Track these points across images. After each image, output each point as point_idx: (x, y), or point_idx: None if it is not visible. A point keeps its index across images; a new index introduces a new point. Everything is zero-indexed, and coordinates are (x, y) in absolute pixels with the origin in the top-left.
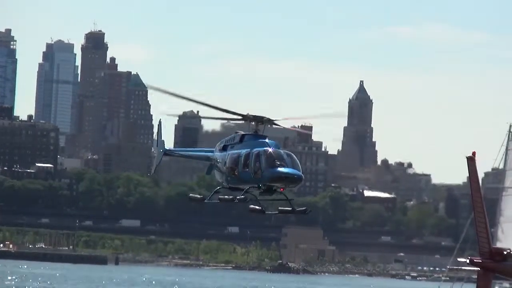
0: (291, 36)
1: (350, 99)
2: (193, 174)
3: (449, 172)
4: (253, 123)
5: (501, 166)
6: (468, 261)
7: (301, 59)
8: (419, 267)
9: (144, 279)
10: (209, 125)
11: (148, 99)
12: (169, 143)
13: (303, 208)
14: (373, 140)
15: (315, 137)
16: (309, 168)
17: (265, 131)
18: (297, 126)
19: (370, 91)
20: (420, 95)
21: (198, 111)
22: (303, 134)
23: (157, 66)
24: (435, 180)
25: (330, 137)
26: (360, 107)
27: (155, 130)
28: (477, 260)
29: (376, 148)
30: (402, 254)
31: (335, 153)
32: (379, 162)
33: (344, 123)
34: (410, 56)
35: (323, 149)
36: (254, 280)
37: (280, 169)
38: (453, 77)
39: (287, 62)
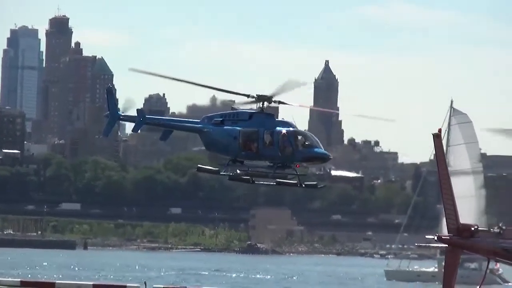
0: (257, 18)
1: (315, 79)
2: (160, 158)
3: (415, 150)
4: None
5: (444, 142)
6: (436, 237)
7: (267, 40)
8: (388, 245)
9: (137, 267)
10: (175, 108)
11: (114, 83)
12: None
13: (314, 182)
14: (339, 119)
15: (281, 117)
16: None
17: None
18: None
19: (335, 71)
20: (386, 74)
21: (164, 94)
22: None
23: (122, 50)
24: (402, 158)
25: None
26: (326, 87)
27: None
28: (445, 236)
29: (342, 127)
30: (370, 233)
31: None
32: (345, 141)
33: (310, 102)
34: (376, 36)
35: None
36: (223, 262)
37: (316, 149)
38: (419, 56)
39: (253, 44)
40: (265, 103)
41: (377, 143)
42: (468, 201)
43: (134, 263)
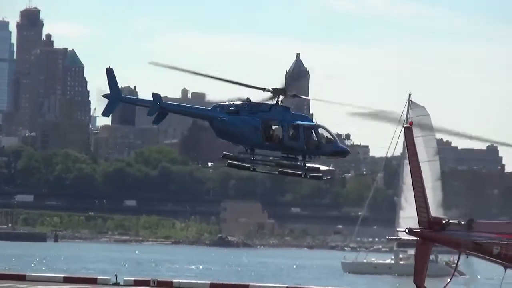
0: (228, 10)
1: (286, 71)
2: (131, 150)
3: (387, 143)
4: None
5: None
6: (407, 230)
7: (238, 32)
8: (358, 239)
9: (108, 259)
10: None
11: (85, 75)
12: (105, 119)
13: (319, 174)
14: (311, 112)
15: None
16: None
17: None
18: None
19: (307, 63)
20: (357, 67)
21: (135, 86)
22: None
23: (94, 42)
24: (373, 151)
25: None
26: (297, 80)
27: (92, 106)
28: (416, 229)
29: (314, 120)
30: (341, 226)
31: None
32: None
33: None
34: (348, 29)
35: None
36: (193, 255)
37: (339, 144)
38: (389, 49)
39: (224, 36)
40: (281, 97)
41: (348, 137)
42: (428, 193)
43: (105, 256)
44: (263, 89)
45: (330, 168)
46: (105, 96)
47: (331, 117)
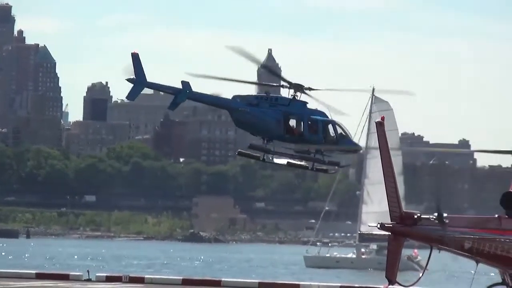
0: (199, 5)
1: (258, 67)
2: (103, 146)
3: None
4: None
5: (365, 129)
6: (378, 225)
7: (209, 28)
8: (331, 234)
9: (80, 255)
10: (117, 96)
11: (57, 71)
12: (77, 115)
13: (325, 168)
14: None
15: None
16: (219, 136)
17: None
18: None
19: (278, 59)
20: (329, 61)
21: (106, 82)
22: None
23: (66, 38)
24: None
25: None
26: (268, 75)
27: (64, 102)
28: (388, 224)
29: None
30: (313, 221)
31: None
32: None
33: (253, 91)
34: (320, 24)
35: None
36: (165, 250)
37: (353, 140)
38: (360, 43)
39: (196, 32)
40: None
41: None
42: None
43: (77, 252)
44: (282, 86)
45: (346, 164)
46: (130, 80)
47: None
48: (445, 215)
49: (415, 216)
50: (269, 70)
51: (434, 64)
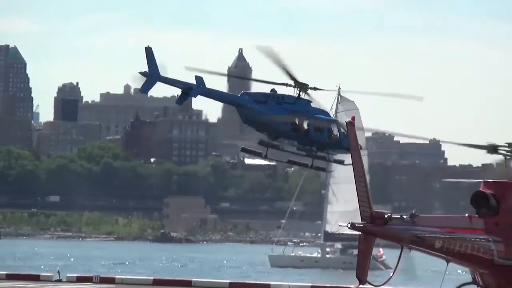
0: (170, 5)
1: (229, 67)
2: (73, 147)
3: None
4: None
5: None
6: (349, 225)
7: (182, 28)
8: (301, 233)
9: (50, 256)
10: (88, 97)
11: (27, 72)
12: (48, 116)
13: (324, 166)
14: None
15: (195, 106)
16: (190, 137)
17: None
18: (176, 95)
19: (249, 59)
20: (300, 61)
21: (77, 83)
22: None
23: (36, 38)
24: None
25: (210, 106)
26: (240, 75)
27: (35, 103)
28: (358, 224)
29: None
30: (283, 221)
31: (215, 121)
32: None
33: (224, 90)
34: (291, 23)
35: (203, 118)
36: (136, 250)
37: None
38: (334, 43)
39: (168, 32)
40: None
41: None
42: (353, 187)
43: (48, 252)
44: (286, 85)
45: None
46: (143, 73)
47: None
48: (415, 214)
49: (386, 216)
50: (284, 68)
51: (407, 63)
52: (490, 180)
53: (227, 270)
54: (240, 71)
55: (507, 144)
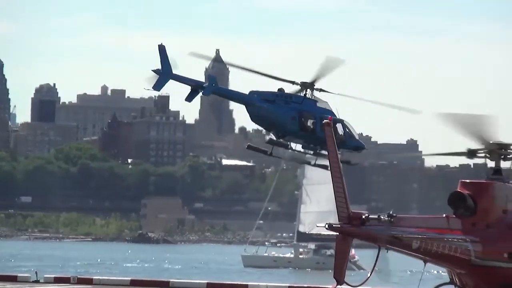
0: (146, 6)
1: (206, 68)
2: (50, 148)
3: None
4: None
5: None
6: (326, 226)
7: (158, 29)
8: (279, 234)
9: (28, 257)
10: (66, 98)
11: (4, 73)
12: (25, 117)
13: (326, 164)
14: (230, 108)
15: (172, 107)
16: (167, 137)
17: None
18: (154, 96)
19: (226, 60)
20: (278, 62)
21: (54, 84)
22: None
23: (14, 39)
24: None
25: (188, 107)
26: (217, 76)
27: (12, 103)
28: (336, 225)
29: (234, 116)
30: (261, 221)
31: (193, 122)
32: (237, 130)
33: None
34: (268, 24)
35: (180, 119)
36: (114, 251)
37: (359, 140)
38: (309, 44)
39: (146, 33)
40: (308, 90)
41: (268, 132)
42: (328, 188)
43: (25, 253)
44: (292, 82)
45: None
46: (156, 71)
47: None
48: (393, 215)
49: (363, 216)
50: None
51: (380, 63)
52: (468, 181)
53: (201, 270)
54: (217, 72)
55: (484, 147)
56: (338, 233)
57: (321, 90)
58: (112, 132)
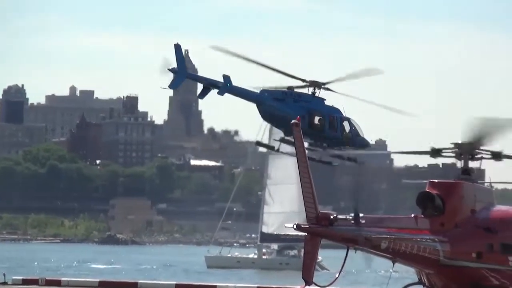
0: (114, 8)
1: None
2: (18, 149)
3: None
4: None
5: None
6: (295, 226)
7: (121, 30)
8: (247, 235)
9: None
10: (34, 99)
11: None
12: None
13: (329, 160)
14: (199, 109)
15: (141, 107)
16: (136, 138)
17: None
18: (122, 97)
19: (195, 60)
20: (246, 62)
21: (22, 85)
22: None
23: None
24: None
25: (156, 107)
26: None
27: None
28: (304, 225)
29: (202, 117)
30: (229, 222)
31: (161, 122)
32: (205, 131)
33: (170, 92)
34: (237, 24)
35: (149, 119)
36: (82, 252)
37: (365, 138)
38: (278, 43)
39: (112, 34)
40: (316, 89)
41: (236, 133)
42: (291, 188)
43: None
44: (303, 80)
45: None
46: (171, 70)
47: (219, 113)
48: (361, 215)
49: (331, 217)
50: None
51: (349, 63)
52: (436, 181)
53: (166, 271)
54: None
55: (452, 145)
56: (306, 234)
57: (327, 89)
58: (81, 133)
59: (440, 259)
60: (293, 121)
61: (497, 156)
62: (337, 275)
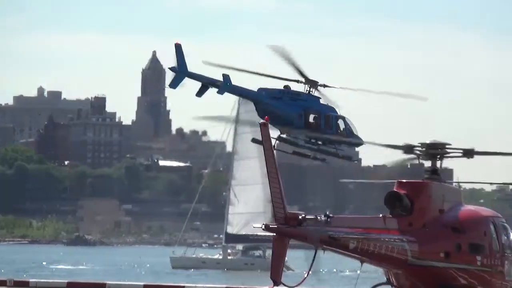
0: (85, 7)
1: (143, 69)
2: None
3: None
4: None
5: (231, 133)
6: (263, 226)
7: (89, 31)
8: (216, 235)
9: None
10: (1, 99)
11: None
12: None
13: (324, 158)
14: (167, 109)
15: (108, 108)
16: (104, 139)
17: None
18: (90, 98)
19: (163, 61)
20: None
21: None
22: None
23: None
24: (230, 147)
25: (125, 108)
26: (154, 77)
27: None
28: (272, 225)
29: (170, 117)
30: (198, 222)
31: (129, 123)
32: (173, 131)
33: (138, 92)
34: (207, 24)
35: (117, 120)
36: (50, 253)
37: (359, 136)
38: (251, 43)
39: (79, 34)
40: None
41: (205, 133)
42: (255, 189)
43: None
44: (297, 81)
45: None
46: (172, 69)
47: (187, 113)
48: (330, 215)
49: (300, 217)
50: (294, 66)
51: (322, 63)
52: (404, 180)
53: (133, 271)
54: (154, 73)
55: (420, 144)
56: (274, 234)
57: (324, 85)
58: (49, 134)
59: (408, 259)
60: (261, 121)
61: (469, 153)
62: (305, 275)
